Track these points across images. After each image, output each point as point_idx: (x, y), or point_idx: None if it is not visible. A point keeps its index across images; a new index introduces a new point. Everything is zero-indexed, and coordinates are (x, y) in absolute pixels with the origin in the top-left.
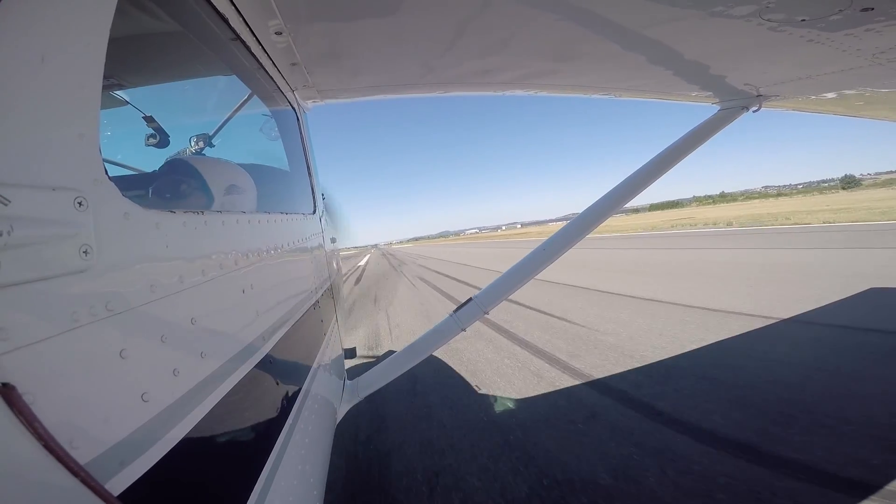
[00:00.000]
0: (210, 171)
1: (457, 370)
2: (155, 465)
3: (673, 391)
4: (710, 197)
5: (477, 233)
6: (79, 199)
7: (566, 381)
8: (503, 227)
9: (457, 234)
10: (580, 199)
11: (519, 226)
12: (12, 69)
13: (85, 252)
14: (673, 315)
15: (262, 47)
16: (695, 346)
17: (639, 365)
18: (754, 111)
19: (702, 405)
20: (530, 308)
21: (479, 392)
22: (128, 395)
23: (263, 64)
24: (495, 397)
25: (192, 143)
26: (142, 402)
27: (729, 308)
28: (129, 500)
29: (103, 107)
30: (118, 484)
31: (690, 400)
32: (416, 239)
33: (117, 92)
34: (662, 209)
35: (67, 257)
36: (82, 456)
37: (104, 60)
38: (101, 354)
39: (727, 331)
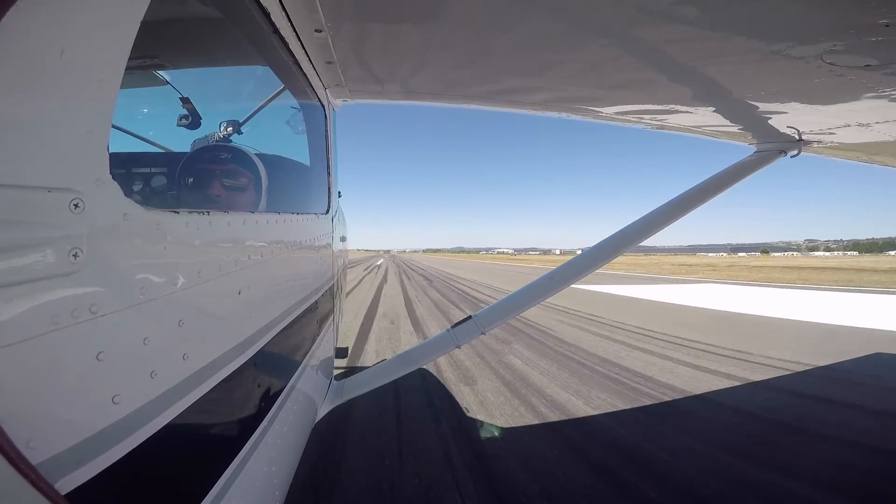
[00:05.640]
0: (227, 165)
1: None
2: (114, 464)
3: None
4: None
5: (513, 253)
6: (75, 201)
7: None
8: (558, 251)
9: (475, 251)
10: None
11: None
12: (31, 64)
13: (74, 255)
14: None
15: (301, 42)
16: None
17: None
18: (793, 156)
19: None
20: None
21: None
22: (97, 398)
23: (299, 59)
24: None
25: (221, 130)
26: (112, 404)
27: None
28: (79, 498)
29: (137, 86)
30: (69, 483)
31: None
32: (437, 250)
33: (145, 73)
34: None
35: (55, 260)
36: (36, 455)
37: (128, 56)
38: (78, 358)
39: None
